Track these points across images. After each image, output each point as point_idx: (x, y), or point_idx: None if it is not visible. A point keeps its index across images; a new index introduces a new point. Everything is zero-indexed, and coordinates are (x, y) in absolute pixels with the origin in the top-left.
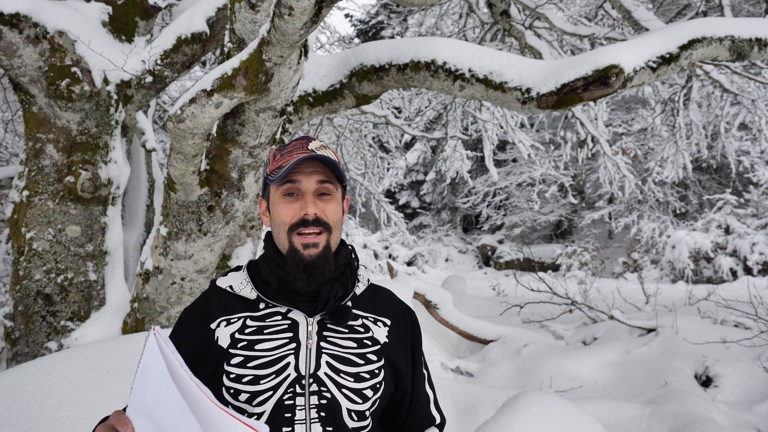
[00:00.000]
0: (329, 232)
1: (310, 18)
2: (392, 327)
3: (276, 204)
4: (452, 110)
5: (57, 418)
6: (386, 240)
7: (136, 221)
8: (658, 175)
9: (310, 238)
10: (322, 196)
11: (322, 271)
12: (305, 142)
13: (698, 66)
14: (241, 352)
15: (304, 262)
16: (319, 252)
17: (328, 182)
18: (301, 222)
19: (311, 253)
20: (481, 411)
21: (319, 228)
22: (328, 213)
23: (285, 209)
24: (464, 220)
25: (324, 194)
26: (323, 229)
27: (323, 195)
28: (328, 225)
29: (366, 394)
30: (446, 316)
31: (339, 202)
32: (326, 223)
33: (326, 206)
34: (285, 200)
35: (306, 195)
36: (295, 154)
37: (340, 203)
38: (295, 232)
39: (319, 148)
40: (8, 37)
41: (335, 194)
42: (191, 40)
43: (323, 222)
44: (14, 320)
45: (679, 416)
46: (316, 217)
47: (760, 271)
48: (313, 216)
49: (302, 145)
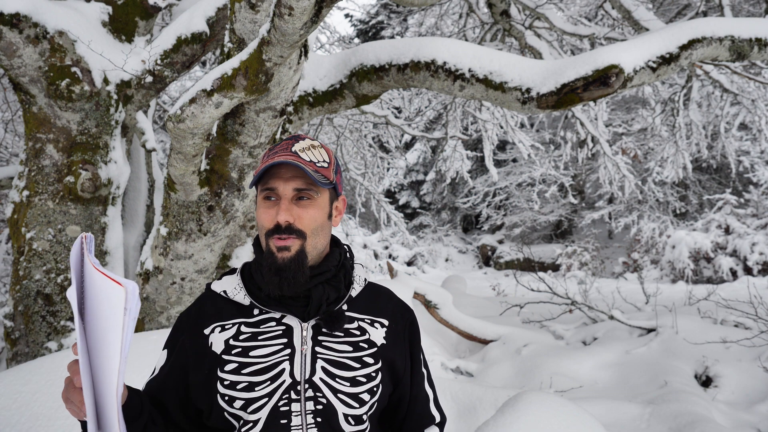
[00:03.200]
0: (303, 239)
1: (310, 18)
2: (390, 327)
3: (258, 207)
4: (452, 110)
5: (57, 418)
6: (386, 240)
7: (136, 221)
8: (658, 175)
9: (282, 242)
10: (300, 201)
11: (294, 275)
12: (291, 143)
13: (698, 66)
14: (236, 358)
15: (276, 265)
16: (292, 255)
17: (306, 189)
18: (275, 228)
19: (284, 257)
20: (481, 411)
21: (292, 234)
22: (305, 219)
23: (264, 214)
24: (464, 220)
25: (302, 198)
26: (296, 236)
27: (302, 199)
28: (302, 232)
29: (363, 398)
30: (446, 316)
31: (322, 207)
32: (299, 230)
33: (303, 212)
34: (264, 204)
35: (282, 201)
36: (277, 156)
37: (325, 207)
38: (272, 237)
39: (306, 148)
40: (8, 37)
41: (316, 199)
42: (191, 40)
43: (295, 229)
44: (14, 320)
45: (679, 416)
46: (288, 225)
47: (760, 271)
48: (285, 223)
49: (287, 146)
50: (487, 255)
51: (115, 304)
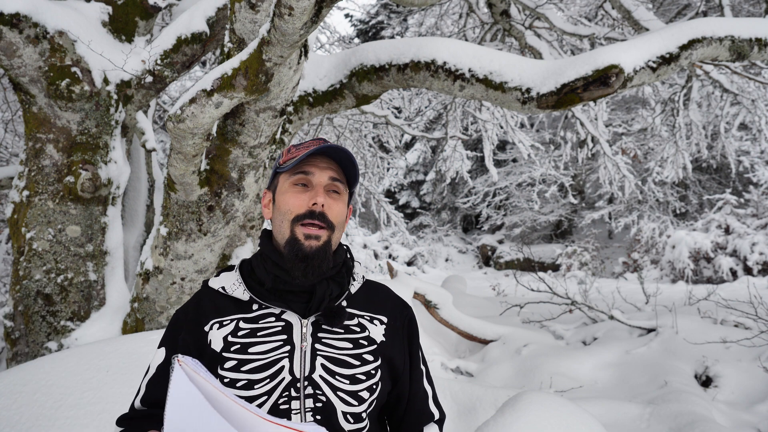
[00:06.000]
0: (332, 230)
1: (310, 18)
2: (389, 324)
3: (284, 192)
4: (452, 110)
5: (57, 418)
6: (386, 240)
7: (136, 221)
8: (658, 175)
9: (313, 230)
10: (331, 193)
11: (320, 264)
12: (322, 141)
13: (698, 66)
14: (235, 355)
15: (303, 252)
16: (320, 245)
17: (339, 181)
18: (308, 213)
19: (311, 245)
20: (481, 411)
21: (324, 223)
22: (334, 211)
23: (293, 198)
24: (464, 220)
25: (333, 191)
26: (326, 226)
27: (332, 192)
28: (332, 223)
29: (362, 396)
30: (446, 316)
31: (345, 203)
32: (330, 221)
33: (333, 203)
34: (294, 189)
35: (317, 187)
36: (313, 145)
37: (346, 205)
38: (299, 223)
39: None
40: (8, 37)
41: (343, 194)
42: (191, 40)
43: (328, 220)
44: (14, 320)
45: (679, 416)
46: (323, 211)
47: (760, 271)
48: (321, 207)
49: (319, 142)
50: (487, 255)
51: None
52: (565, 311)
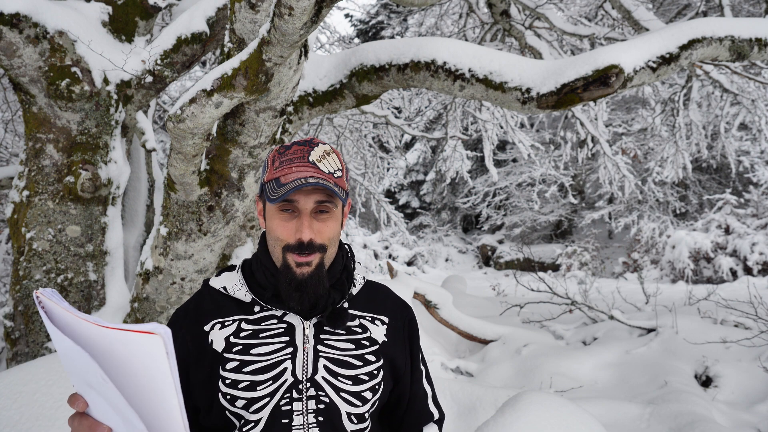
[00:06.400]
0: (324, 252)
1: (310, 18)
2: (390, 324)
3: (272, 218)
4: (452, 110)
5: (57, 418)
6: (386, 240)
7: (136, 221)
8: (658, 175)
9: (303, 258)
10: (320, 214)
11: (315, 289)
12: (307, 151)
13: (698, 66)
14: (237, 356)
15: (296, 281)
16: (312, 270)
17: (326, 201)
18: (297, 245)
19: (303, 272)
20: (481, 411)
21: (314, 251)
22: (325, 233)
23: (280, 227)
24: (464, 220)
25: (322, 212)
26: (317, 251)
27: (321, 213)
28: (323, 246)
29: (365, 397)
30: (446, 316)
31: (338, 218)
32: (321, 245)
33: (323, 226)
34: (281, 216)
35: (303, 216)
36: (295, 167)
37: (339, 218)
38: (289, 252)
39: (323, 157)
40: (8, 37)
41: (334, 211)
42: (191, 40)
43: (317, 246)
44: (14, 320)
45: (679, 416)
46: (310, 241)
47: (760, 271)
48: (308, 240)
49: (304, 154)
50: (487, 255)
51: (155, 354)
52: (565, 311)
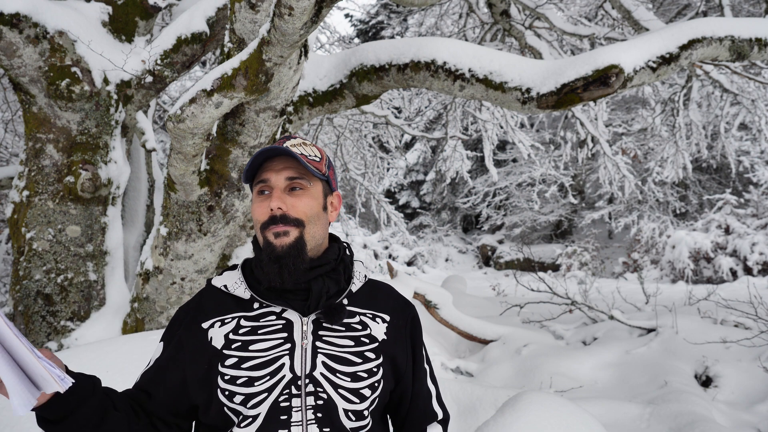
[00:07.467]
0: (302, 227)
1: (310, 18)
2: (391, 323)
3: (253, 203)
4: (452, 110)
5: None
6: (386, 240)
7: (136, 221)
8: (658, 175)
9: (280, 227)
10: (293, 191)
11: (294, 262)
12: (282, 141)
13: (698, 66)
14: (235, 353)
15: (275, 253)
16: (291, 242)
17: (299, 178)
18: (270, 219)
19: (282, 243)
20: (481, 411)
21: (288, 223)
22: (299, 207)
23: (258, 208)
24: (464, 220)
25: (295, 189)
26: (293, 224)
27: (294, 190)
28: (299, 220)
29: (364, 394)
30: (446, 316)
31: (316, 197)
32: (296, 219)
33: (296, 200)
34: (258, 199)
35: (275, 190)
36: (267, 150)
37: (318, 197)
38: (266, 229)
39: (297, 144)
40: (8, 37)
41: (309, 189)
42: (191, 40)
43: (292, 219)
44: (14, 320)
45: (679, 416)
46: (283, 214)
47: (760, 271)
48: (278, 211)
49: (279, 143)
50: (487, 255)
51: None
52: (565, 311)
